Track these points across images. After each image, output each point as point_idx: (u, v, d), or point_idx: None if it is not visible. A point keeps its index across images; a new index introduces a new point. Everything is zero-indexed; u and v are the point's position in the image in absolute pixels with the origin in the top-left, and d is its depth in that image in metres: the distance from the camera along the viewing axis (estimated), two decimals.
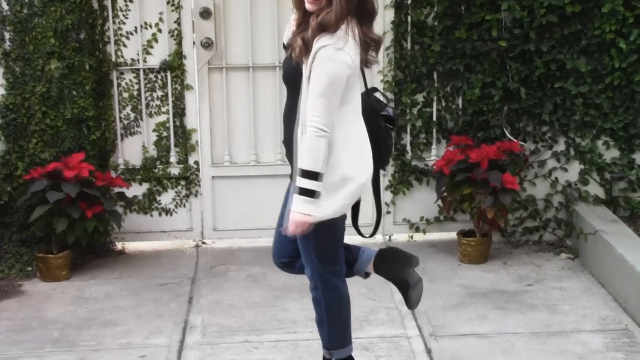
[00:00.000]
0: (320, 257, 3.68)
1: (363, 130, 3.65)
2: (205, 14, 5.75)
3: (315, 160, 3.41)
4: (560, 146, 5.90)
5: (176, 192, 5.99)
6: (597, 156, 5.87)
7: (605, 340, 4.50)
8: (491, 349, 4.43)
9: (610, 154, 5.88)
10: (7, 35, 5.53)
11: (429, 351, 4.43)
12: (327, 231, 3.61)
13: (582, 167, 5.91)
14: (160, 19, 5.79)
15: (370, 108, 3.70)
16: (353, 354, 3.95)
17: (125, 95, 5.87)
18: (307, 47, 3.41)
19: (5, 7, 5.50)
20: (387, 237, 6.08)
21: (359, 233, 3.90)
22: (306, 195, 3.43)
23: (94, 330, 4.75)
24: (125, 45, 5.80)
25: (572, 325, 4.69)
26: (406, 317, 4.83)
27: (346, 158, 3.53)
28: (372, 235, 3.93)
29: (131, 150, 5.94)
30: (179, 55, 5.81)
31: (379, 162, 3.73)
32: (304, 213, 3.45)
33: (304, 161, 3.43)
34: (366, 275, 3.95)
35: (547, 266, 5.57)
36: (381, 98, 3.84)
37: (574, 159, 5.91)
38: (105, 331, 4.74)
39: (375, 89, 3.85)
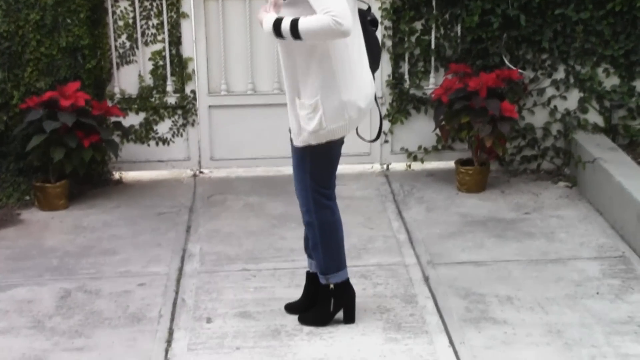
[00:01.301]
0: (315, 178, 3.74)
1: (363, 55, 3.66)
2: None
3: (308, 23, 3.39)
4: (560, 74, 5.85)
5: (173, 121, 5.96)
6: (597, 84, 5.83)
7: (602, 267, 4.52)
8: (488, 277, 4.45)
9: (610, 82, 5.84)
10: None
11: (426, 279, 4.45)
12: (325, 153, 3.69)
13: (582, 95, 5.87)
14: None
15: (360, 13, 3.70)
16: (351, 282, 3.98)
17: (121, 23, 5.79)
18: None
19: None
20: (385, 166, 6.07)
21: (361, 137, 3.93)
22: (275, 25, 3.47)
23: (92, 258, 4.77)
24: None
25: (569, 253, 4.71)
26: (404, 245, 4.85)
27: (346, 84, 3.57)
28: (375, 139, 3.99)
29: (127, 79, 5.89)
30: None
31: (373, 65, 3.77)
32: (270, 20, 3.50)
33: (304, 20, 3.41)
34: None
35: (544, 195, 5.58)
36: (362, 4, 3.79)
37: (573, 86, 5.87)
38: (104, 259, 4.76)
39: None
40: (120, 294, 4.35)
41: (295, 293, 4.18)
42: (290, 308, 4.09)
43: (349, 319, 3.98)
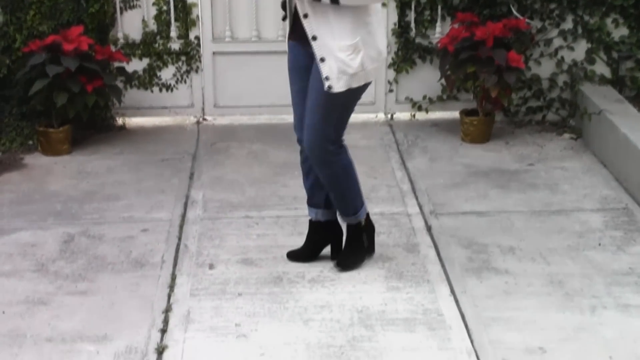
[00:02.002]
0: (338, 127, 3.82)
1: (380, 8, 3.74)
2: None
3: None
4: (568, 24, 5.79)
5: (177, 67, 5.93)
6: (605, 34, 5.77)
7: (605, 219, 4.52)
8: (491, 227, 4.46)
9: (619, 32, 5.78)
10: None
11: (429, 228, 4.45)
12: (356, 97, 3.78)
13: (589, 45, 5.81)
14: None
15: None
16: None
17: None
18: None
19: None
20: (390, 115, 6.04)
21: None
22: None
23: (96, 203, 4.78)
24: None
25: (572, 205, 4.71)
26: (407, 195, 4.85)
27: (381, 34, 3.70)
28: None
29: (131, 25, 5.84)
30: None
31: None
32: None
33: None
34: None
35: (549, 146, 5.56)
36: None
37: (581, 37, 5.81)
38: (107, 205, 4.76)
39: None
40: (124, 239, 4.36)
41: (298, 240, 4.19)
42: (293, 256, 4.11)
43: (373, 249, 4.12)
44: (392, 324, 3.59)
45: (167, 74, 5.93)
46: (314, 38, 3.60)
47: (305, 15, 3.59)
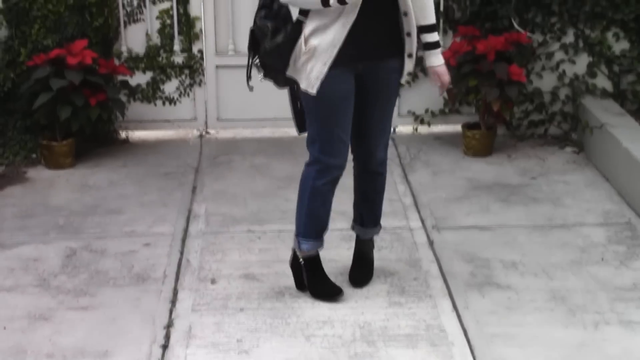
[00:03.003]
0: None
1: None
2: None
3: None
4: (569, 38, 5.80)
5: (180, 81, 5.94)
6: (606, 48, 5.78)
7: (608, 233, 4.52)
8: (493, 241, 4.46)
9: (620, 46, 5.79)
10: None
11: (431, 243, 4.45)
12: None
13: (591, 59, 5.82)
14: None
15: None
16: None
17: None
18: None
19: None
20: (392, 129, 6.04)
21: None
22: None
23: (98, 217, 4.79)
24: None
25: (574, 219, 4.71)
26: (409, 209, 4.85)
27: None
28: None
29: (134, 38, 5.86)
30: None
31: None
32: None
33: (432, 15, 3.70)
34: None
35: (551, 160, 5.56)
36: None
37: (582, 51, 5.82)
38: (109, 219, 4.77)
39: None
40: (126, 253, 4.36)
41: None
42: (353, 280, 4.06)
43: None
44: (394, 340, 3.59)
45: (170, 87, 5.95)
46: (405, 14, 3.62)
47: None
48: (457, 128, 5.85)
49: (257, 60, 3.71)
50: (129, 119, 5.89)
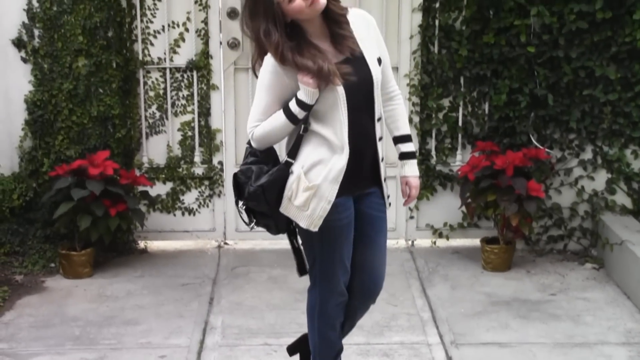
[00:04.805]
0: None
1: None
2: (232, 14, 5.75)
3: None
4: (588, 154, 5.84)
5: (199, 192, 5.99)
6: (625, 165, 5.80)
7: (631, 354, 4.44)
8: (512, 359, 4.39)
9: (639, 164, 5.81)
10: (36, 32, 5.56)
11: (449, 359, 4.39)
12: None
13: (609, 176, 5.84)
14: (188, 19, 5.79)
15: None
16: None
17: (151, 94, 5.87)
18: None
19: (35, 4, 5.52)
20: (410, 242, 6.04)
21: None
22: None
23: (114, 328, 4.76)
24: (152, 44, 5.81)
25: (596, 337, 4.64)
26: (427, 324, 4.80)
27: None
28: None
29: (156, 149, 5.94)
30: (205, 54, 5.80)
31: None
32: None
33: (406, 126, 3.70)
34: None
35: (571, 276, 5.52)
36: None
37: (601, 167, 5.84)
38: (125, 330, 4.74)
39: None
40: None
41: None
42: None
43: None
44: None
45: (189, 198, 6.00)
46: (380, 139, 3.56)
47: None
48: (476, 242, 5.84)
49: (243, 206, 3.60)
50: (148, 229, 5.92)
